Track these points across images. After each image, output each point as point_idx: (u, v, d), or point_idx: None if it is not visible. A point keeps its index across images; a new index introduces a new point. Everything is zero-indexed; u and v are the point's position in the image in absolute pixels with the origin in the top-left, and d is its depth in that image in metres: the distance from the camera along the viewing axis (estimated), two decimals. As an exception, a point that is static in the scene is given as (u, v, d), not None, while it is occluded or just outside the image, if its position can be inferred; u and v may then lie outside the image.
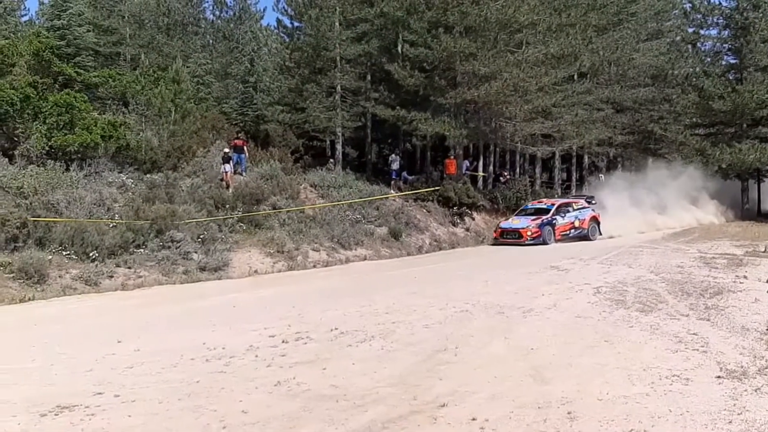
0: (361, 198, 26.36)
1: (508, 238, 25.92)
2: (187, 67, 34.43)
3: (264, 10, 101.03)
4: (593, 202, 29.11)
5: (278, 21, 57.86)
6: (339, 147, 33.19)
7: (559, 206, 27.50)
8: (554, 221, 26.55)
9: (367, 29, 32.46)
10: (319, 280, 17.48)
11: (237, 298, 14.59)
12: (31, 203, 18.63)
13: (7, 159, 21.69)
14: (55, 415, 6.95)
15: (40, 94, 23.73)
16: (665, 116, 40.67)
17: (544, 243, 25.57)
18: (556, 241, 26.10)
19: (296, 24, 38.14)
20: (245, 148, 27.07)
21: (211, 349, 9.43)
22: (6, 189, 19.68)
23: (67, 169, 21.75)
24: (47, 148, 22.38)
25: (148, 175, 23.60)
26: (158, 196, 21.34)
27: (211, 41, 44.11)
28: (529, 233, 25.65)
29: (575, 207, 27.91)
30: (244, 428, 6.45)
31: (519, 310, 11.87)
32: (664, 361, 8.49)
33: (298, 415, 6.80)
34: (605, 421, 6.49)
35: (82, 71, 30.19)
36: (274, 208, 23.17)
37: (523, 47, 30.42)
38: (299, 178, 27.14)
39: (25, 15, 44.21)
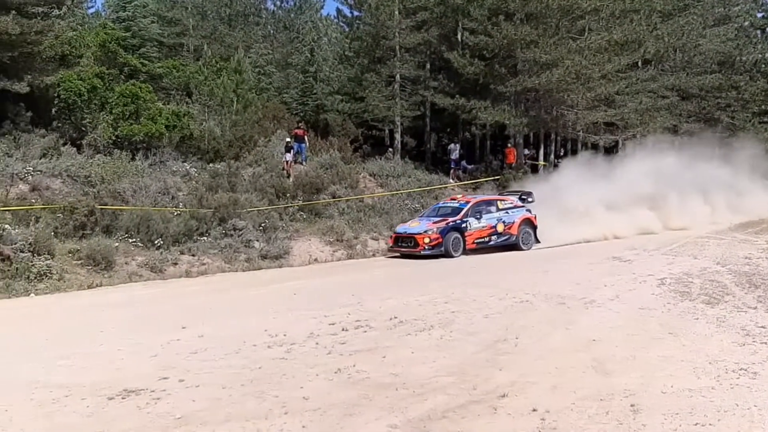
0: (419, 187, 26.37)
1: (402, 246, 20.24)
2: (249, 57, 34.89)
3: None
4: (529, 200, 22.70)
5: (338, 10, 58.05)
6: (398, 136, 33.20)
7: (475, 205, 21.25)
8: (465, 225, 20.46)
9: (426, 17, 32.35)
10: (378, 269, 17.58)
11: (297, 286, 14.75)
12: (98, 192, 19.18)
13: (75, 149, 22.33)
14: (122, 398, 7.14)
15: (107, 84, 24.34)
16: (732, 104, 39.58)
17: (447, 254, 19.72)
18: (468, 250, 20.30)
19: (356, 13, 38.25)
20: (305, 137, 27.29)
21: (273, 336, 9.56)
22: (74, 178, 20.29)
23: (133, 159, 22.30)
24: (114, 138, 22.96)
25: (211, 165, 24.05)
26: (221, 185, 21.72)
27: (272, 31, 44.52)
28: (426, 240, 19.75)
29: (500, 206, 21.62)
30: (305, 414, 6.53)
31: (580, 301, 11.73)
32: (730, 355, 8.29)
33: (357, 402, 6.86)
34: (669, 414, 6.38)
35: (146, 62, 30.84)
36: (334, 197, 23.34)
37: (586, 34, 29.98)
38: (358, 168, 27.29)
39: (92, 7, 45.29)
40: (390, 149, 32.91)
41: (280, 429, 6.19)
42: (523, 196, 22.74)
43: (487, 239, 20.91)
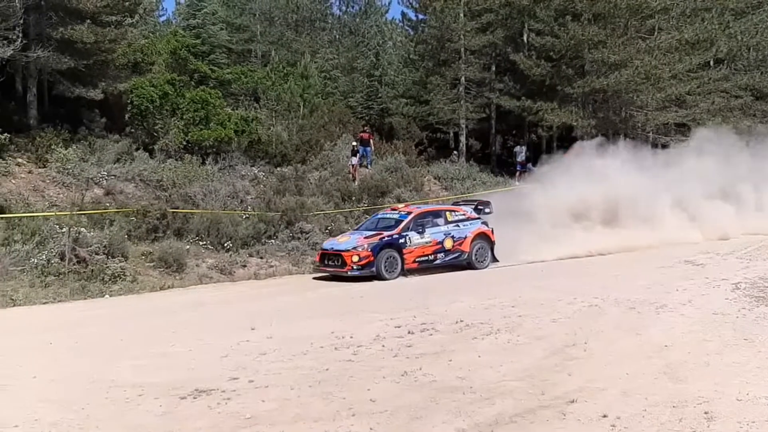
0: (485, 190, 26.21)
1: (329, 264, 17.08)
2: (315, 62, 35.26)
3: (389, 3, 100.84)
4: (487, 210, 19.26)
5: (403, 14, 58.27)
6: (463, 139, 33.07)
7: (418, 217, 17.88)
8: (403, 240, 17.15)
9: (491, 19, 32.16)
10: (443, 272, 17.51)
11: (363, 289, 14.84)
12: (170, 195, 19.67)
13: (147, 153, 22.91)
14: (194, 398, 7.29)
15: (178, 91, 24.89)
16: (810, 104, 38.09)
17: (379, 276, 16.52)
18: (407, 271, 17.04)
19: (421, 16, 38.24)
20: (371, 141, 27.43)
21: (340, 338, 9.64)
22: (147, 182, 20.86)
23: (203, 163, 22.77)
24: (184, 143, 23.49)
25: (278, 168, 24.41)
26: (288, 188, 22.04)
27: (337, 36, 44.90)
28: (354, 259, 16.50)
29: (450, 219, 18.28)
30: (372, 416, 6.57)
31: (652, 305, 11.48)
32: (810, 362, 8.01)
33: (424, 405, 6.86)
34: (745, 422, 6.19)
35: (216, 68, 31.45)
36: (399, 201, 23.37)
37: (656, 33, 29.41)
38: (423, 171, 27.32)
39: (163, 15, 46.57)
40: (455, 152, 32.81)
41: (347, 431, 6.24)
42: (479, 206, 19.24)
43: (431, 257, 17.48)
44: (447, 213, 18.55)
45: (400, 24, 45.85)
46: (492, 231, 18.55)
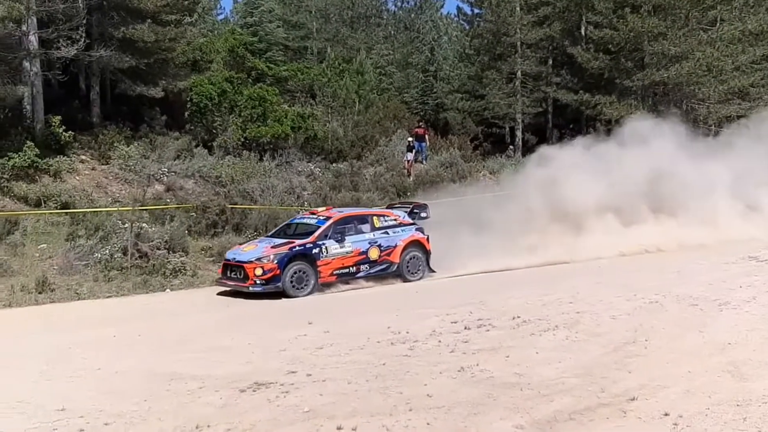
0: (542, 185, 25.89)
1: (231, 277, 14.92)
2: (370, 58, 35.36)
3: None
4: (423, 215, 17.15)
5: (458, 9, 57.75)
6: (519, 133, 32.81)
7: (338, 222, 15.58)
8: (318, 250, 14.90)
9: (548, 12, 31.85)
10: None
11: (420, 284, 14.82)
12: (228, 191, 19.99)
13: (206, 150, 23.31)
14: (253, 391, 7.39)
15: (236, 88, 25.24)
16: None
17: (285, 293, 14.29)
18: (322, 285, 14.85)
19: (476, 11, 38.00)
20: (426, 136, 27.39)
21: (396, 333, 9.64)
22: (206, 178, 21.25)
23: (261, 159, 23.08)
24: (242, 140, 23.83)
25: (334, 164, 24.59)
26: (344, 184, 22.19)
27: (392, 32, 44.84)
28: (257, 272, 14.31)
29: (377, 224, 16.08)
30: (429, 411, 6.57)
31: (714, 302, 11.18)
32: None
33: (482, 401, 6.83)
34: (813, 422, 6.03)
35: (272, 65, 31.77)
36: (454, 196, 23.28)
37: (717, 24, 28.75)
38: (478, 166, 27.21)
39: (221, 14, 47.19)
40: (511, 147, 32.57)
41: (405, 425, 6.26)
42: (415, 210, 17.11)
43: (352, 269, 15.32)
44: (374, 218, 16.17)
45: (455, 19, 45.63)
46: (428, 238, 16.37)
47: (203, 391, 7.46)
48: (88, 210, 17.94)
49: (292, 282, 14.37)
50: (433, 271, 16.30)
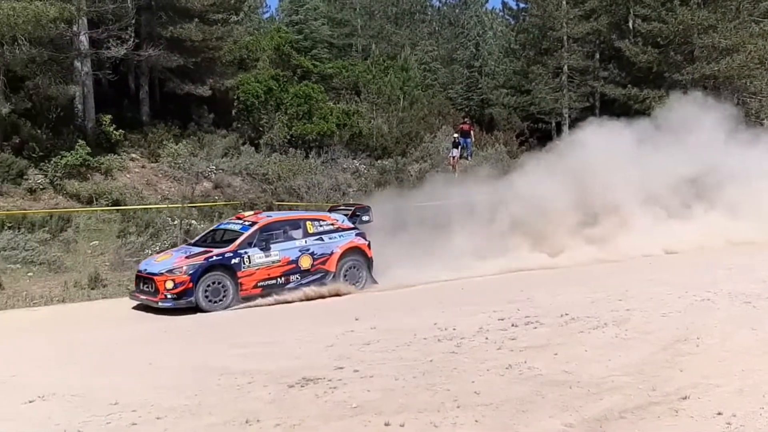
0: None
1: (143, 290, 13.40)
2: (415, 54, 35.35)
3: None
4: (365, 218, 15.44)
5: (503, 4, 57.25)
6: (565, 128, 32.46)
7: (264, 228, 14.00)
8: (238, 260, 13.36)
9: (595, 6, 31.48)
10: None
11: (465, 281, 14.73)
12: (275, 188, 20.20)
13: (253, 148, 23.57)
14: (301, 386, 7.45)
15: (282, 86, 25.46)
16: None
17: (198, 307, 12.86)
18: (242, 299, 13.28)
19: (522, 5, 37.81)
20: (471, 132, 27.28)
21: (443, 330, 9.62)
22: (253, 175, 21.50)
23: (306, 157, 23.26)
24: (288, 137, 24.02)
25: (379, 161, 24.65)
26: (389, 180, 22.23)
27: (437, 28, 44.77)
28: (168, 285, 12.87)
29: (311, 230, 14.43)
30: (477, 409, 6.54)
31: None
32: None
33: (530, 399, 6.78)
34: None
35: (317, 63, 31.97)
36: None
37: (771, 15, 28.05)
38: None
39: (267, 12, 47.62)
40: (557, 142, 32.21)
41: (453, 422, 6.24)
42: (357, 212, 15.50)
43: (280, 280, 13.74)
44: (308, 223, 14.52)
45: (500, 14, 45.43)
46: (369, 245, 14.78)
47: (252, 385, 7.55)
48: (138, 207, 18.27)
49: (206, 295, 12.93)
50: (375, 282, 14.65)
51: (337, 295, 13.78)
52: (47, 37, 19.64)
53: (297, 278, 13.88)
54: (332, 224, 14.77)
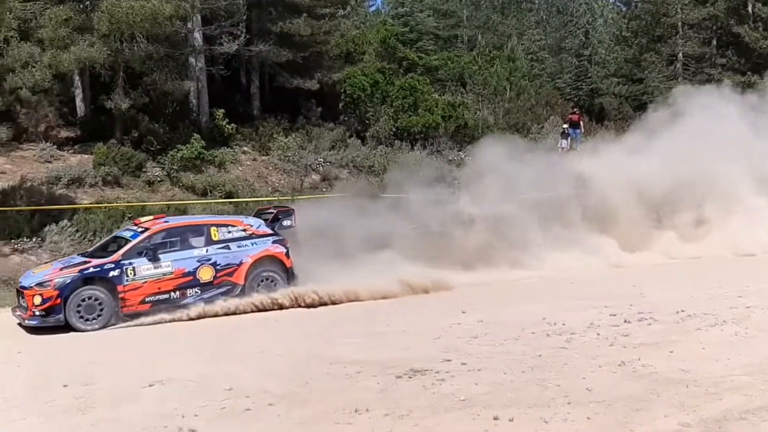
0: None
1: (21, 305, 11.73)
2: (522, 44, 34.91)
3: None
4: (286, 223, 13.32)
5: (614, -10, 55.97)
6: (680, 118, 31.31)
7: (155, 235, 12.13)
8: (119, 272, 11.60)
9: (712, -10, 30.17)
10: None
11: (574, 275, 14.41)
12: (381, 180, 20.31)
13: (359, 140, 23.82)
14: (409, 378, 7.50)
15: (387, 79, 25.63)
16: None
17: (71, 325, 11.18)
18: (128, 315, 11.50)
19: (634, -8, 36.64)
20: (581, 122, 26.66)
21: (552, 325, 9.48)
22: (359, 168, 21.73)
23: (412, 149, 23.31)
24: (394, 130, 24.15)
25: (484, 153, 24.38)
26: (495, 172, 21.97)
27: (544, 17, 44.02)
28: (36, 301, 11.27)
29: (216, 237, 12.46)
30: (589, 406, 6.41)
31: None
32: None
33: (645, 397, 6.59)
34: None
35: (423, 55, 32.00)
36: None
37: None
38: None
39: (372, 5, 47.82)
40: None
41: (563, 419, 6.14)
42: (279, 216, 13.47)
43: (174, 294, 11.86)
44: (212, 229, 12.57)
45: (611, 0, 44.24)
46: (287, 253, 12.75)
47: (361, 375, 7.65)
48: (250, 199, 18.79)
49: (79, 313, 11.23)
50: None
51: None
52: (163, 35, 20.46)
53: (196, 292, 12.03)
54: (244, 230, 12.84)
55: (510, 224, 14.79)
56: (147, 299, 11.66)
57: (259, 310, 11.79)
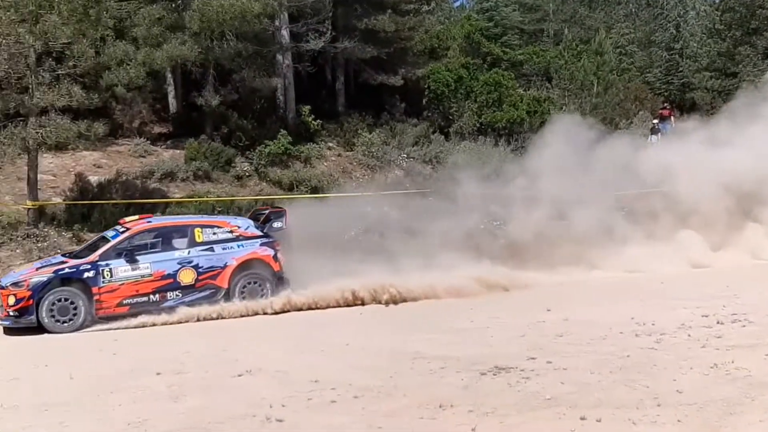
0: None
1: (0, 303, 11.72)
2: (610, 38, 34.15)
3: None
4: (276, 225, 12.82)
5: (707, -19, 54.19)
6: (777, 113, 30.10)
7: (135, 236, 11.98)
8: (94, 273, 11.52)
9: (813, -21, 28.90)
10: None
11: (663, 274, 14.03)
12: (459, 175, 20.24)
13: (443, 136, 23.83)
14: (494, 375, 7.46)
15: (471, 74, 25.53)
16: None
17: (43, 327, 11.18)
18: (101, 318, 11.39)
19: (728, -17, 35.38)
20: (671, 118, 25.97)
21: (641, 325, 9.27)
22: (442, 164, 21.68)
23: (496, 144, 23.16)
24: (478, 125, 24.06)
25: (570, 149, 24.03)
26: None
27: (633, 9, 42.92)
28: (10, 301, 11.31)
29: (200, 238, 12.18)
30: (679, 408, 6.25)
31: None
32: None
33: (738, 401, 6.37)
34: None
35: (507, 50, 31.73)
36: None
37: None
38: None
39: (457, 1, 47.71)
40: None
41: (653, 421, 6.00)
42: (271, 217, 13.06)
43: (153, 297, 11.70)
44: (197, 230, 12.27)
45: (706, -8, 42.86)
46: (275, 255, 12.34)
47: (445, 371, 7.66)
48: (335, 195, 19.01)
49: (52, 314, 11.15)
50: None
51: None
52: (252, 32, 20.93)
53: (176, 295, 11.81)
54: (231, 231, 12.50)
55: (597, 222, 14.44)
56: (124, 302, 11.54)
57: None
